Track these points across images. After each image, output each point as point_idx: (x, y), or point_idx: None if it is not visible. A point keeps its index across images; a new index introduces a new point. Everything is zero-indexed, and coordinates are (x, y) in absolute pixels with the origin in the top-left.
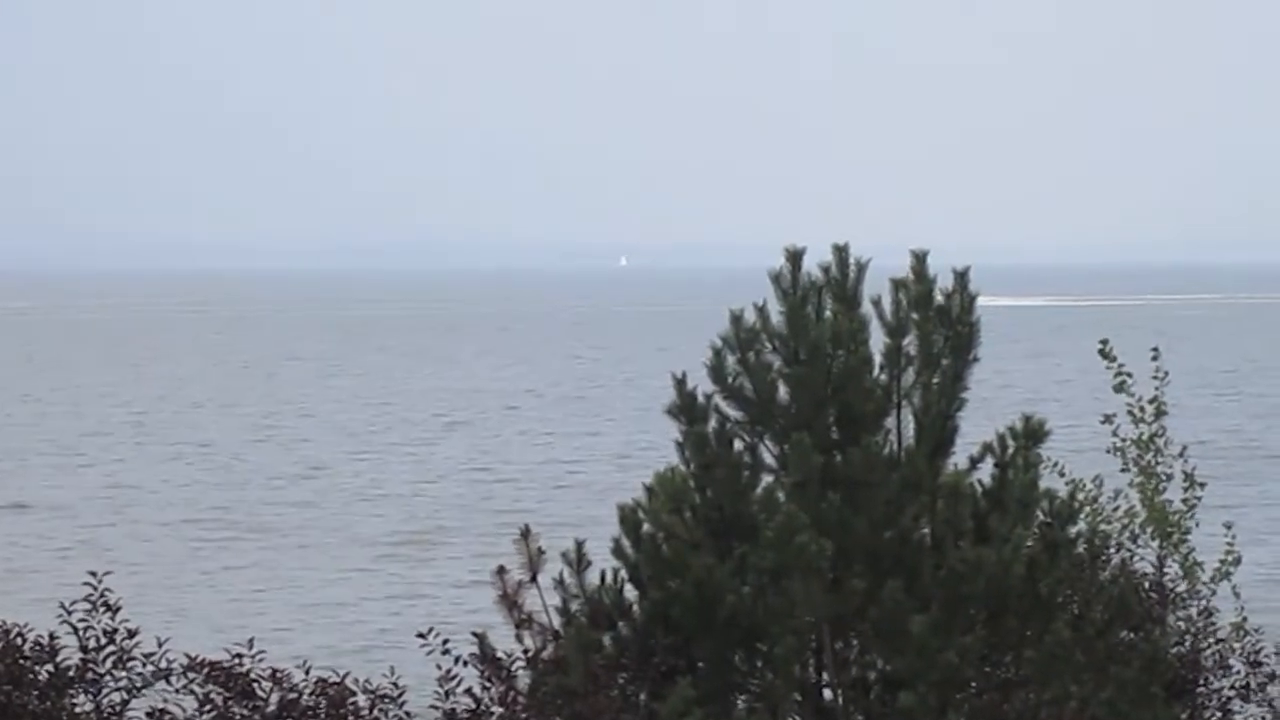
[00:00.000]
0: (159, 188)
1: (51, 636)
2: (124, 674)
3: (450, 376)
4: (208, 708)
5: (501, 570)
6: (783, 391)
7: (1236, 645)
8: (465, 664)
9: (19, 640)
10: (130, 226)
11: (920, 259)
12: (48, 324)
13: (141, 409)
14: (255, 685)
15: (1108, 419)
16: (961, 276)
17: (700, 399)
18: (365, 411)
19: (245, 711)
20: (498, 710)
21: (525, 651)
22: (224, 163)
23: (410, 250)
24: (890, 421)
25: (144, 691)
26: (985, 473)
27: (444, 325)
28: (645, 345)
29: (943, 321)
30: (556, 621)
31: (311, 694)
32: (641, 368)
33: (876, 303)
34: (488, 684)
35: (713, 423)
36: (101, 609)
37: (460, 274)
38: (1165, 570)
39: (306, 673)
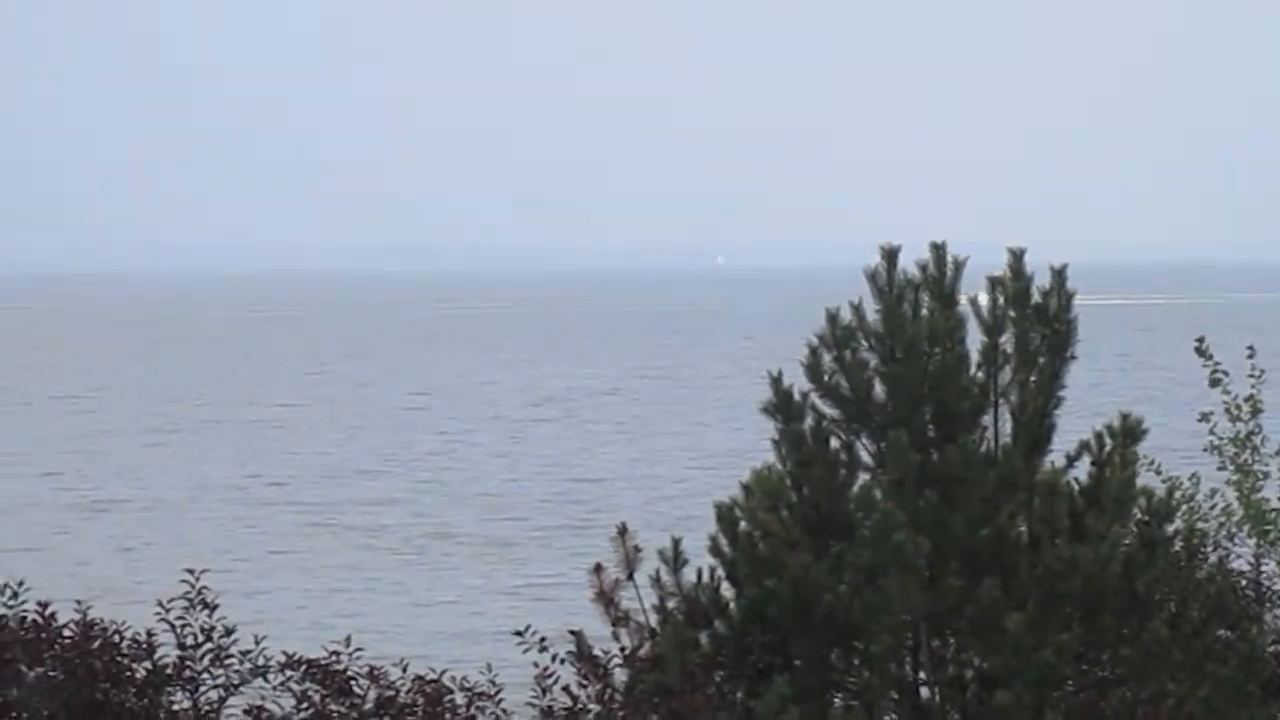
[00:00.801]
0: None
1: (149, 634)
2: (221, 671)
3: (543, 373)
4: (305, 705)
5: (598, 568)
6: (879, 389)
7: None
8: (562, 662)
9: (116, 638)
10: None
11: (1017, 256)
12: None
13: (232, 406)
14: (353, 683)
15: (1204, 417)
16: (1059, 274)
17: (797, 397)
18: (458, 409)
19: (342, 709)
20: (594, 708)
21: (622, 649)
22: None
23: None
24: (987, 419)
25: (241, 689)
26: (1082, 471)
27: (531, 322)
28: (741, 343)
29: (1040, 319)
30: (653, 619)
31: (409, 691)
32: (738, 366)
33: (973, 301)
34: (584, 682)
35: (809, 421)
36: (199, 606)
37: (551, 274)
38: (1262, 568)
39: (404, 670)
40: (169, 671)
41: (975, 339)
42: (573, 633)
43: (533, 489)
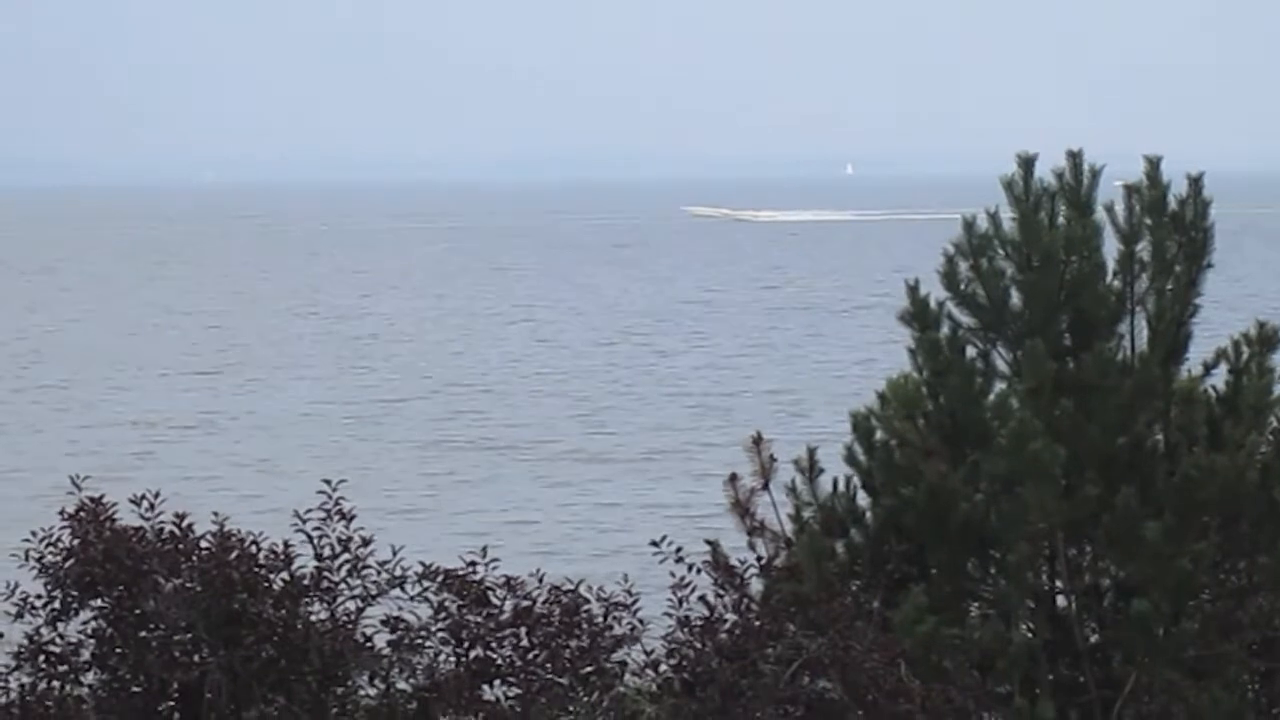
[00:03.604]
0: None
1: (286, 545)
2: (358, 582)
3: (674, 289)
4: (442, 615)
5: (733, 478)
6: (1015, 297)
7: None
8: (698, 572)
9: (253, 549)
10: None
11: (1154, 164)
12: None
13: (380, 323)
14: (489, 593)
15: None
16: (1195, 182)
17: (933, 306)
18: (594, 324)
19: (479, 619)
20: (731, 618)
21: (758, 559)
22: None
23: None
24: (1123, 328)
25: (378, 599)
26: (1219, 379)
27: (662, 236)
28: (873, 254)
29: (1176, 228)
30: (789, 529)
31: (545, 602)
32: (870, 278)
33: (1109, 209)
34: (721, 591)
35: (945, 329)
36: (336, 517)
37: (673, 184)
38: None
39: (540, 581)
40: (306, 582)
41: (1111, 248)
42: (709, 543)
43: (667, 404)
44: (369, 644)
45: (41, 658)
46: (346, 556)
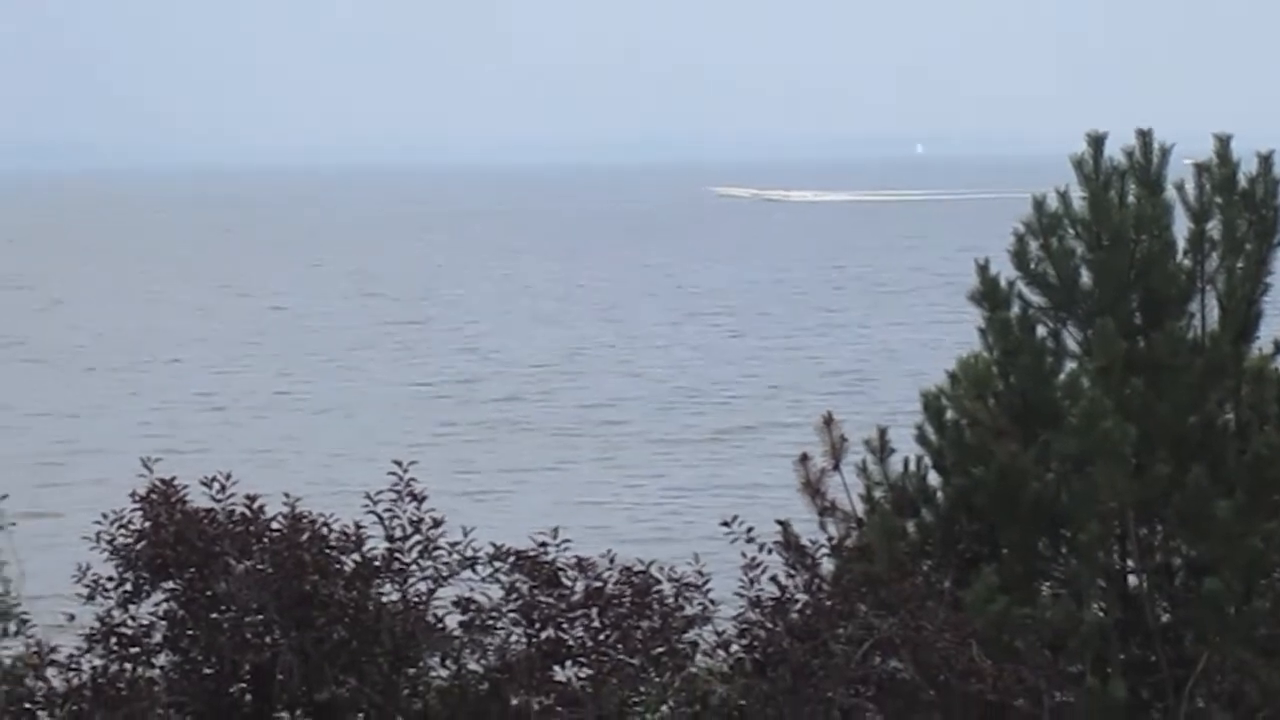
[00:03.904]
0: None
1: (357, 526)
2: (429, 563)
3: (752, 270)
4: (513, 596)
5: (804, 458)
6: (1085, 277)
7: None
8: (769, 552)
9: (324, 530)
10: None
11: (1224, 142)
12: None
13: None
14: (560, 574)
15: None
16: (1266, 160)
17: (1003, 285)
18: (667, 304)
19: (551, 600)
20: (802, 598)
21: (829, 539)
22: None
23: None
24: (1194, 306)
25: (449, 580)
26: None
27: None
28: (942, 233)
29: (1246, 206)
30: (859, 509)
31: (616, 583)
32: (939, 256)
33: (1180, 187)
34: (792, 571)
35: (1015, 309)
36: (407, 498)
37: (740, 166)
38: None
39: (611, 562)
40: (377, 563)
41: (1181, 227)
42: (780, 523)
43: (736, 384)
44: (440, 625)
45: (113, 640)
46: (418, 538)
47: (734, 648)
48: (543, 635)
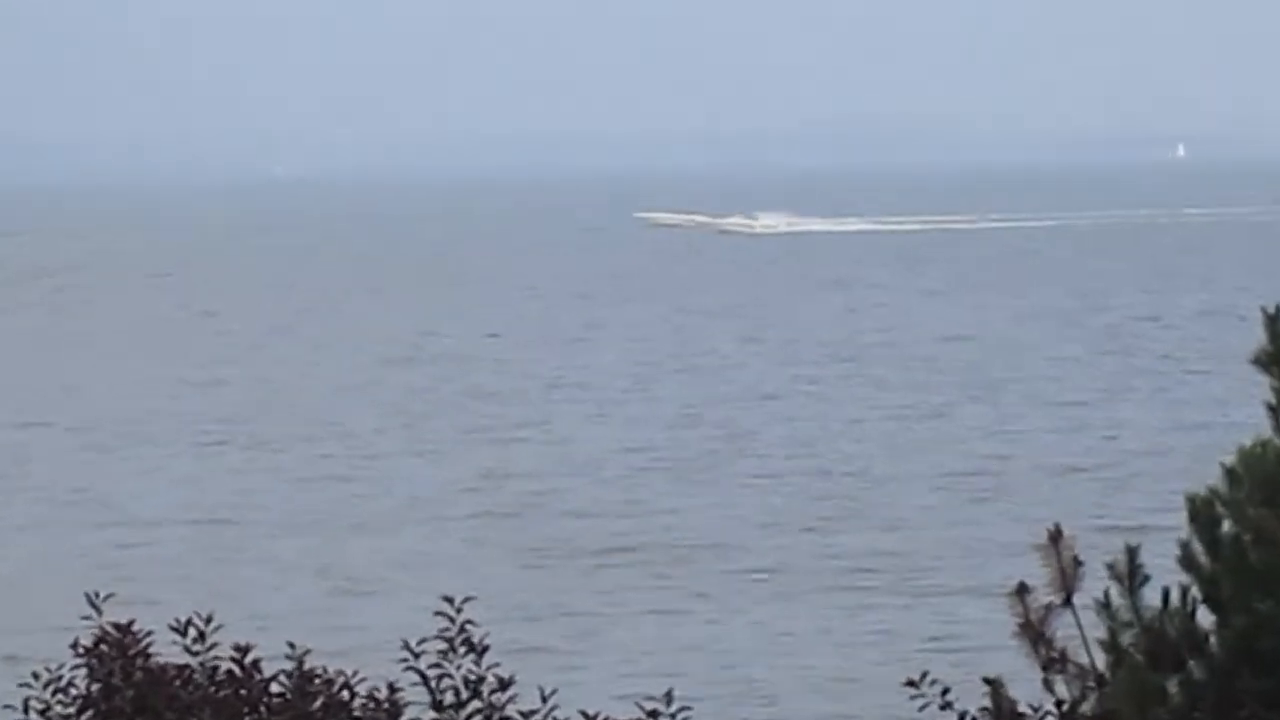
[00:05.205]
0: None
1: (392, 689)
2: None
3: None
4: None
5: (1022, 589)
6: None
7: None
8: None
9: (345, 694)
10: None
11: None
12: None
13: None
14: None
15: None
16: None
17: None
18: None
19: None
20: None
21: (1058, 704)
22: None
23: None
24: None
25: None
26: None
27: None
28: (1221, 264)
29: None
30: (1100, 660)
31: None
32: (1222, 296)
33: None
34: None
35: None
36: (461, 649)
37: (972, 168)
38: None
39: None
40: None
41: None
42: (987, 681)
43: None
44: None
45: None
46: (477, 705)
47: None
48: None
